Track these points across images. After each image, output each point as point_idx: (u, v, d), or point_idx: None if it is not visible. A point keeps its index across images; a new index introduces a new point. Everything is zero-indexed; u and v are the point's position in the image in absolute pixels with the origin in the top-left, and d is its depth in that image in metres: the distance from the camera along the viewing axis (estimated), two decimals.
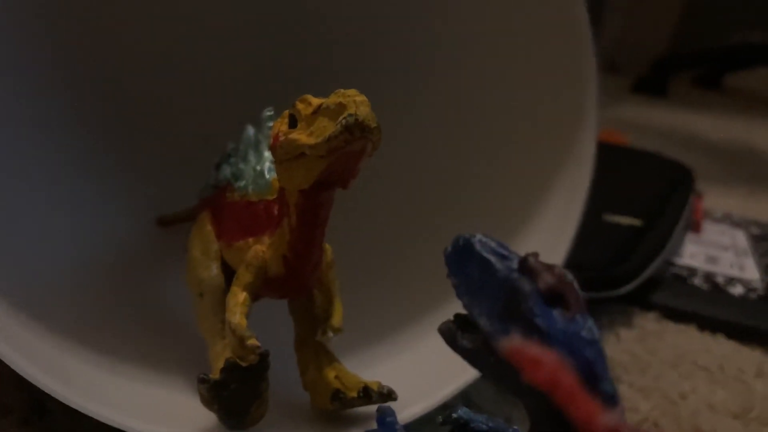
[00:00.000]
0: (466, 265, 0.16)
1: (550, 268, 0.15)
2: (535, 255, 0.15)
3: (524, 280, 0.15)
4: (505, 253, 0.16)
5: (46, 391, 0.25)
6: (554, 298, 0.15)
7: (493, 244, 0.16)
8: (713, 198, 0.73)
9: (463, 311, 0.17)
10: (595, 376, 0.14)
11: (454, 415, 0.20)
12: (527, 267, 0.15)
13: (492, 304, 0.15)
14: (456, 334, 0.17)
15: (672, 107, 1.28)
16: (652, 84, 1.41)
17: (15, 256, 0.32)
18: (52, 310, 0.31)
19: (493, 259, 0.15)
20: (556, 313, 0.14)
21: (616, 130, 0.83)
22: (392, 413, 0.20)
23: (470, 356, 0.16)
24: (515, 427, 0.20)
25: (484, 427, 0.19)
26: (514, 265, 0.15)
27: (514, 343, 0.11)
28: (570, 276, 0.15)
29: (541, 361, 0.10)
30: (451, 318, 0.17)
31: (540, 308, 0.14)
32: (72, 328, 0.30)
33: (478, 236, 0.16)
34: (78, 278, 0.35)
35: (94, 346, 0.30)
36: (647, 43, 1.54)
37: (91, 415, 0.25)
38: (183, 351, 0.33)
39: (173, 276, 0.36)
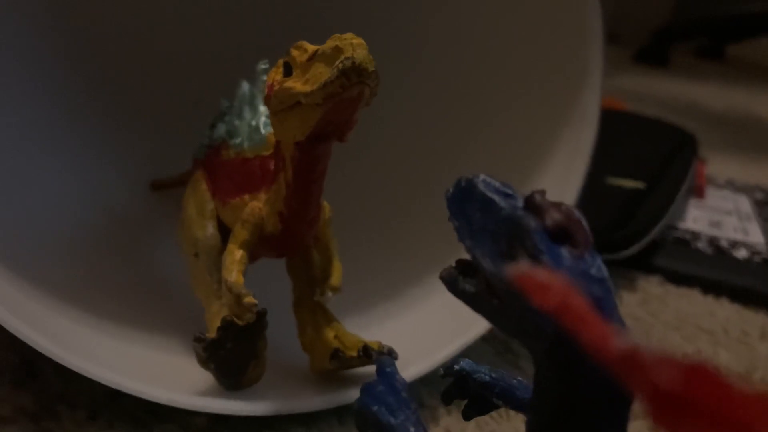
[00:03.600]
0: (468, 206, 0.15)
1: (557, 205, 0.14)
2: (542, 192, 0.14)
3: (530, 216, 0.14)
4: (509, 192, 0.15)
5: (41, 350, 0.24)
6: (562, 235, 0.14)
7: (496, 184, 0.15)
8: (716, 165, 0.72)
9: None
10: (604, 313, 0.13)
11: (456, 367, 0.19)
12: (533, 204, 0.14)
13: (495, 244, 0.15)
14: (457, 279, 0.16)
15: (673, 77, 1.27)
16: (653, 54, 1.39)
17: (8, 218, 0.31)
18: (45, 272, 0.30)
19: (496, 198, 0.15)
20: (564, 251, 0.14)
21: (617, 98, 0.82)
22: (392, 363, 0.19)
23: (472, 301, 0.16)
24: (518, 377, 0.19)
25: (486, 378, 0.19)
26: (519, 203, 0.15)
27: (521, 269, 0.10)
28: (578, 213, 0.14)
29: (550, 284, 0.09)
30: (453, 264, 0.17)
31: (546, 245, 0.14)
32: (65, 290, 0.30)
33: (482, 176, 0.16)
34: (72, 240, 0.34)
35: (88, 307, 0.30)
36: (648, 12, 1.52)
37: (85, 374, 0.25)
38: (178, 312, 0.32)
39: (167, 239, 0.36)
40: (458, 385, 0.20)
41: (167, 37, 0.42)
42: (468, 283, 0.16)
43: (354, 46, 0.21)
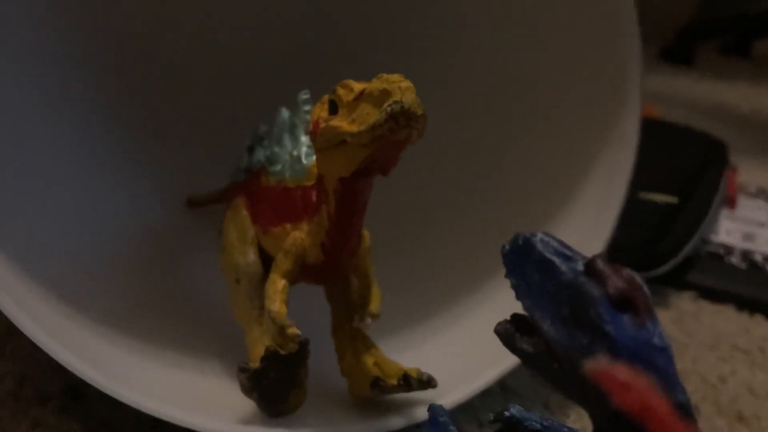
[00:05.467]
0: (525, 265, 0.16)
1: (618, 271, 0.14)
2: (603, 256, 0.14)
3: (592, 283, 0.14)
4: (568, 254, 0.15)
5: (83, 378, 0.25)
6: (623, 302, 0.14)
7: (555, 244, 0.15)
8: (745, 172, 0.71)
9: (511, 307, 0.17)
10: (668, 385, 0.13)
11: (507, 414, 0.19)
12: (595, 270, 0.14)
13: (556, 308, 0.15)
14: (514, 336, 0.16)
15: (699, 76, 1.26)
16: (678, 53, 1.37)
17: (48, 241, 0.31)
18: (87, 296, 0.30)
19: (556, 260, 0.15)
20: (626, 320, 0.14)
21: (647, 103, 0.81)
22: (444, 413, 0.19)
23: (531, 360, 0.16)
24: (569, 426, 0.19)
25: (537, 425, 0.19)
26: (580, 267, 0.15)
27: (601, 366, 0.10)
28: (639, 279, 0.14)
29: (632, 385, 0.09)
30: (508, 318, 0.17)
31: (609, 314, 0.14)
32: (107, 314, 0.30)
33: (540, 235, 0.16)
34: (112, 263, 0.34)
35: (130, 332, 0.30)
36: (672, 10, 1.50)
37: (127, 402, 0.25)
38: (217, 335, 0.33)
39: (205, 258, 0.36)
40: (507, 431, 0.20)
41: (203, 54, 0.43)
42: (526, 342, 0.16)
43: (403, 90, 0.21)
